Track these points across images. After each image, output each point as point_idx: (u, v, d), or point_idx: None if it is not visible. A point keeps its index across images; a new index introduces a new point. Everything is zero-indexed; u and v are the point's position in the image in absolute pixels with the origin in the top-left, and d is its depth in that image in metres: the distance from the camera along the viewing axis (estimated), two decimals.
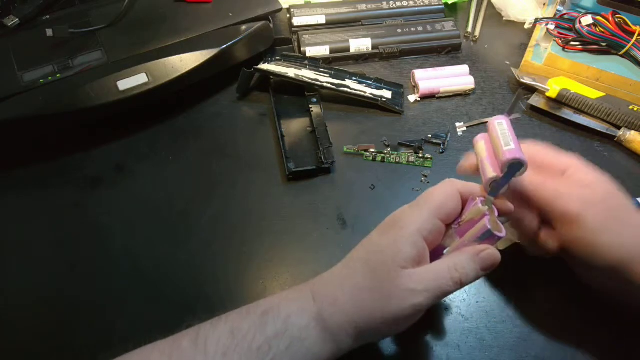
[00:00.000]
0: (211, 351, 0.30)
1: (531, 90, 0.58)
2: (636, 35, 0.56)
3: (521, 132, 0.55)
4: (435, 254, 0.35)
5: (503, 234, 0.33)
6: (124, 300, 0.42)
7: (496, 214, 0.34)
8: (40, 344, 0.39)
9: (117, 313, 0.41)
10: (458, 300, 0.41)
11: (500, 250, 0.44)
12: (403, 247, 0.32)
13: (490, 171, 0.34)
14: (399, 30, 0.64)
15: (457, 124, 0.56)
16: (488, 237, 0.33)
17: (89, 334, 0.40)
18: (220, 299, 0.42)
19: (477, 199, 0.34)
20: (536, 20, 0.63)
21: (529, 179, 0.36)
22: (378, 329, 0.32)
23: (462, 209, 0.35)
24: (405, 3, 0.68)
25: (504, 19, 0.70)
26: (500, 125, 0.35)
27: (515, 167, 0.33)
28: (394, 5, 0.68)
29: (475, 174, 0.37)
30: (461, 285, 0.32)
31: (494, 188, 0.34)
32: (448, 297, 0.42)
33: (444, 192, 0.35)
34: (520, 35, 0.67)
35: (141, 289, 0.43)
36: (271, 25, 0.61)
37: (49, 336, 0.40)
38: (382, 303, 0.31)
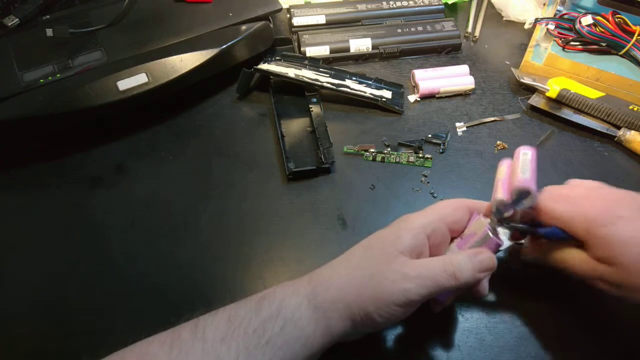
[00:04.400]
0: (209, 338, 0.30)
1: (531, 90, 0.58)
2: (636, 35, 0.56)
3: (521, 132, 0.55)
4: None
5: (502, 242, 0.35)
6: (124, 300, 0.42)
7: (498, 230, 0.36)
8: (40, 344, 0.40)
9: (117, 313, 0.41)
10: (458, 300, 0.41)
11: (501, 250, 0.44)
12: (403, 236, 0.34)
13: (500, 193, 0.36)
14: (399, 30, 0.64)
15: (457, 124, 0.56)
16: (487, 241, 0.35)
17: (89, 334, 0.40)
18: (220, 298, 0.41)
19: (480, 214, 0.36)
20: (536, 20, 0.63)
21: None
22: (369, 312, 0.32)
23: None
24: (405, 3, 0.68)
25: (504, 19, 0.70)
26: (525, 155, 0.36)
27: (523, 194, 0.34)
28: (394, 5, 0.68)
29: None
30: (455, 280, 0.32)
31: (499, 210, 0.35)
32: None
33: (453, 203, 0.37)
34: (520, 35, 0.67)
35: (141, 288, 0.43)
36: (271, 25, 0.61)
37: (49, 336, 0.40)
38: (374, 282, 0.32)
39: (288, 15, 0.67)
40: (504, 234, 0.44)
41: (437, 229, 0.35)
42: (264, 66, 0.58)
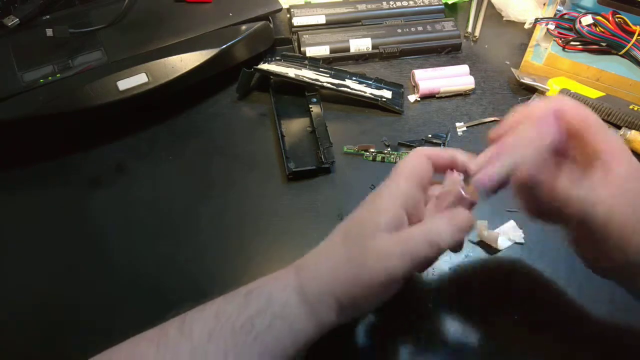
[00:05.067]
0: (196, 336, 0.30)
1: (531, 90, 0.58)
2: (636, 35, 0.56)
3: None
4: None
5: (476, 199, 0.34)
6: (123, 300, 0.42)
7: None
8: (39, 343, 0.39)
9: (117, 313, 0.41)
10: (457, 299, 0.41)
11: (501, 250, 0.44)
12: (378, 212, 0.33)
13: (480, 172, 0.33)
14: (399, 30, 0.64)
15: (457, 124, 0.56)
16: (462, 200, 0.33)
17: (89, 334, 0.40)
18: None
19: (453, 170, 0.35)
20: (536, 20, 0.63)
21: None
22: (356, 298, 0.31)
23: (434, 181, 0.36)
24: (405, 3, 0.68)
25: (504, 19, 0.70)
26: None
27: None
28: (394, 5, 0.68)
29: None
30: (437, 247, 0.32)
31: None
32: (448, 296, 0.41)
33: (413, 158, 0.35)
34: (520, 35, 0.67)
35: (140, 288, 0.43)
36: (271, 25, 0.61)
37: (48, 336, 0.40)
38: (358, 269, 0.31)
39: (288, 15, 0.67)
40: (509, 234, 0.45)
41: (409, 194, 0.33)
42: (264, 66, 0.58)
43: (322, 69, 0.60)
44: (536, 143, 0.32)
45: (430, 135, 0.54)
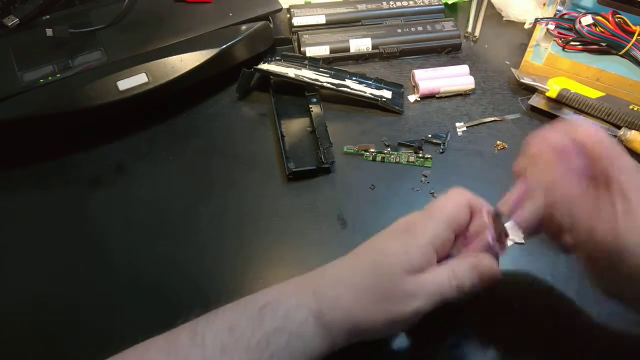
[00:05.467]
0: (209, 347, 0.30)
1: (531, 90, 0.58)
2: (636, 35, 0.56)
3: (521, 133, 0.55)
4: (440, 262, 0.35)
5: (504, 252, 0.35)
6: (124, 300, 0.42)
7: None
8: (39, 344, 0.39)
9: (117, 313, 0.41)
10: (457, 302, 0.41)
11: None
12: (413, 256, 0.33)
13: (505, 207, 0.35)
14: (399, 30, 0.64)
15: (457, 124, 0.56)
16: (488, 249, 0.34)
17: (89, 334, 0.40)
18: (220, 298, 0.41)
19: (484, 211, 0.35)
20: (536, 20, 0.63)
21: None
22: (377, 329, 0.32)
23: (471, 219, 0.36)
24: (405, 3, 0.68)
25: (504, 19, 0.70)
26: None
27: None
28: (394, 5, 0.68)
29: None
30: (459, 292, 0.33)
31: (498, 215, 0.35)
32: None
33: (456, 203, 0.35)
34: (520, 35, 0.67)
35: (140, 289, 0.43)
36: (271, 25, 0.61)
37: (48, 336, 0.40)
38: (384, 306, 0.32)
39: (288, 15, 0.67)
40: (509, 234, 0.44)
41: (444, 236, 0.34)
42: (264, 66, 0.58)
43: (322, 69, 0.60)
44: (566, 182, 0.32)
45: (430, 136, 0.54)
